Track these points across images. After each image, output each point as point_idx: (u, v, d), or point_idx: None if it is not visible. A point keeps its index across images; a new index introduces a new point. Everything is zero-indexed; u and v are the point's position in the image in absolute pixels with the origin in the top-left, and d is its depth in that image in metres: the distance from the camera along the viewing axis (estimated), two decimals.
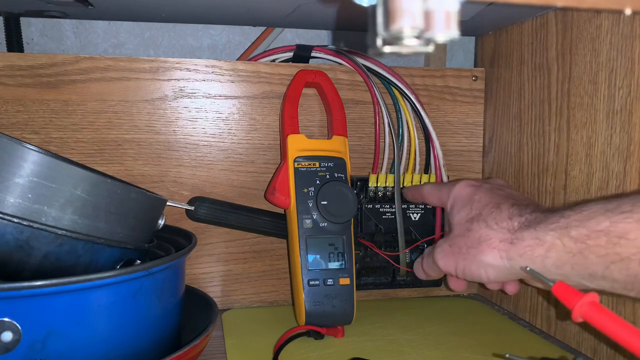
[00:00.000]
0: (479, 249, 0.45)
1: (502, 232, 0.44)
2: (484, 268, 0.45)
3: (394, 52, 0.25)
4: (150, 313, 0.44)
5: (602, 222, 0.37)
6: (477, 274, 0.46)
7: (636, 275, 0.36)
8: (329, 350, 0.53)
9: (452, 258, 0.48)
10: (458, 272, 0.48)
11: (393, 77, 0.64)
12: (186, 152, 0.62)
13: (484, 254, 0.45)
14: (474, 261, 0.46)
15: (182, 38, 0.75)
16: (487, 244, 0.45)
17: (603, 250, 0.37)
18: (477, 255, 0.45)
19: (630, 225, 0.36)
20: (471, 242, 0.46)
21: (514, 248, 0.43)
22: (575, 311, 0.35)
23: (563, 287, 0.37)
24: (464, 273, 0.47)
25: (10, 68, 0.57)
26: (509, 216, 0.44)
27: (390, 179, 0.61)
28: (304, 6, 0.58)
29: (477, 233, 0.46)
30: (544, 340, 0.57)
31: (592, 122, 0.52)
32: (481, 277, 0.46)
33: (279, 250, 0.66)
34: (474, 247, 0.46)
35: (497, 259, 0.44)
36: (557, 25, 0.56)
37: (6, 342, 0.36)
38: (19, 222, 0.38)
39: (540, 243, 0.41)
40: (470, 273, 0.46)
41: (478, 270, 0.46)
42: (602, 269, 0.37)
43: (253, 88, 0.63)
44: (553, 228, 0.40)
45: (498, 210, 0.46)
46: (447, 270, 0.49)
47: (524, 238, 0.42)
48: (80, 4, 0.57)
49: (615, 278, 0.37)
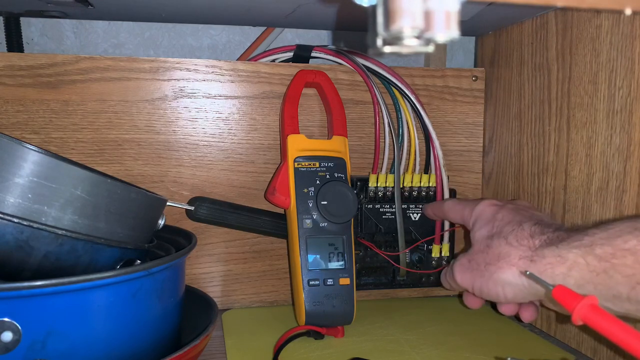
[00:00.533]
0: (498, 266, 0.44)
1: (522, 249, 0.43)
2: (502, 286, 0.44)
3: (394, 52, 0.25)
4: (150, 313, 0.44)
5: (629, 241, 0.36)
6: (495, 291, 0.45)
7: None
8: (329, 350, 0.53)
9: (470, 274, 0.47)
10: (475, 290, 0.47)
11: (393, 77, 0.64)
12: (186, 152, 0.62)
13: (503, 270, 0.44)
14: (491, 278, 0.44)
15: (182, 38, 0.75)
16: (506, 260, 0.43)
17: (630, 270, 0.36)
18: (496, 272, 0.44)
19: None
20: (490, 259, 0.45)
21: (534, 265, 0.41)
22: (575, 314, 0.35)
23: (563, 290, 0.37)
24: (480, 291, 0.46)
25: (10, 68, 0.57)
26: (530, 234, 0.43)
27: (390, 179, 0.61)
28: (304, 6, 0.58)
29: (497, 250, 0.45)
30: (544, 341, 0.57)
31: (592, 122, 0.52)
32: (498, 295, 0.45)
33: (279, 250, 0.66)
34: (493, 263, 0.44)
35: (515, 276, 0.43)
36: (557, 25, 0.56)
37: (6, 342, 0.36)
38: (19, 222, 0.38)
39: (562, 261, 0.39)
40: (487, 291, 0.45)
41: (495, 288, 0.44)
42: (628, 289, 0.36)
43: (253, 88, 0.63)
44: (576, 245, 0.39)
45: (520, 228, 0.44)
46: (464, 285, 0.48)
47: (545, 255, 0.41)
48: (80, 4, 0.57)
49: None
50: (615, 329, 0.34)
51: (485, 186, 0.70)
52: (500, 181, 0.67)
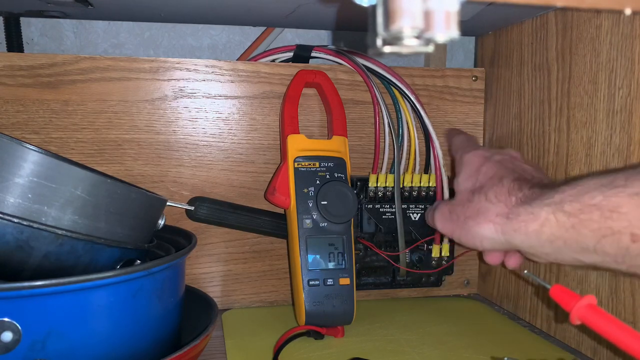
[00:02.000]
0: (476, 221, 0.46)
1: (499, 206, 0.45)
2: (480, 239, 0.46)
3: (394, 52, 0.25)
4: (150, 313, 0.44)
5: (595, 197, 0.38)
6: (473, 243, 0.47)
7: (627, 249, 0.36)
8: (329, 350, 0.53)
9: (450, 224, 0.50)
10: (454, 238, 0.50)
11: (393, 77, 0.64)
12: (186, 152, 0.62)
13: (480, 226, 0.46)
14: (470, 232, 0.47)
15: (182, 38, 0.75)
16: (484, 216, 0.46)
17: (595, 224, 0.37)
18: (474, 226, 0.46)
19: (622, 200, 0.36)
20: (469, 213, 0.47)
21: (510, 223, 0.43)
22: (573, 314, 0.35)
23: (560, 289, 0.37)
24: (459, 240, 0.49)
25: (10, 68, 0.57)
26: (508, 191, 0.45)
27: (390, 179, 0.61)
28: (304, 6, 0.58)
29: (477, 205, 0.47)
30: (544, 341, 0.57)
31: (592, 122, 0.52)
32: (476, 246, 0.47)
33: (279, 250, 0.66)
34: (471, 217, 0.47)
35: (492, 232, 0.45)
36: (557, 25, 0.56)
37: (6, 342, 0.36)
38: (19, 222, 0.38)
39: (534, 218, 0.41)
40: (466, 241, 0.48)
41: (474, 240, 0.47)
42: (594, 242, 0.38)
43: (253, 88, 0.63)
44: (548, 203, 0.41)
45: (500, 184, 0.46)
46: (444, 232, 0.52)
47: (520, 213, 0.43)
48: (80, 4, 0.57)
49: (607, 252, 0.38)
50: (613, 328, 0.34)
51: None
52: None
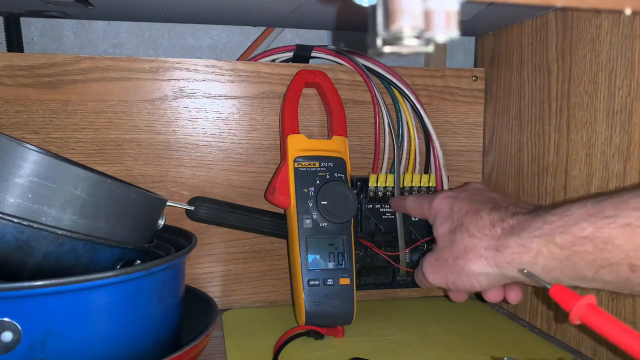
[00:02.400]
0: (466, 259, 0.44)
1: (485, 239, 0.43)
2: (475, 277, 0.44)
3: (394, 52, 0.25)
4: (150, 313, 0.44)
5: (586, 228, 0.37)
6: (470, 283, 0.45)
7: (627, 278, 0.36)
8: (329, 350, 0.53)
9: (441, 272, 0.47)
10: (450, 285, 0.47)
11: (393, 77, 0.64)
12: (186, 152, 0.62)
13: (472, 263, 0.44)
14: (462, 272, 0.45)
15: (182, 38, 0.75)
16: (474, 252, 0.44)
17: (590, 256, 0.37)
18: (465, 265, 0.44)
19: (615, 231, 0.35)
20: (457, 253, 0.45)
21: (501, 255, 0.42)
22: (573, 314, 0.35)
23: (560, 289, 0.37)
24: (455, 285, 0.46)
25: (10, 68, 0.57)
26: (490, 222, 0.44)
27: (390, 179, 0.61)
28: (304, 6, 0.58)
29: (462, 243, 0.45)
30: (544, 341, 0.57)
31: (592, 122, 0.52)
32: (474, 286, 0.45)
33: (279, 250, 0.66)
34: (461, 257, 0.45)
35: (485, 266, 0.43)
36: (557, 25, 0.56)
37: (6, 342, 0.36)
38: (19, 222, 0.38)
39: (526, 250, 0.40)
40: (462, 284, 0.46)
41: (469, 280, 0.45)
42: (593, 273, 0.37)
43: (253, 88, 0.63)
44: (537, 235, 0.40)
45: (478, 217, 0.45)
46: (437, 284, 0.48)
47: (509, 245, 0.41)
48: (80, 4, 0.57)
49: (607, 280, 0.37)
50: (613, 328, 0.34)
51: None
52: (500, 181, 0.67)
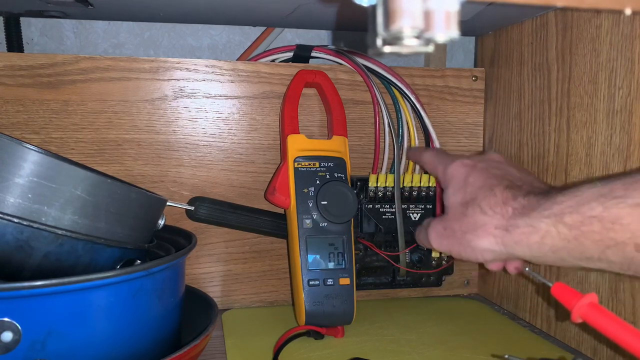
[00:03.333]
0: (475, 234, 0.45)
1: (496, 217, 0.44)
2: (481, 252, 0.45)
3: (394, 52, 0.25)
4: (150, 313, 0.44)
5: (595, 208, 0.37)
6: (474, 256, 0.46)
7: (632, 258, 0.36)
8: (329, 350, 0.53)
9: (447, 241, 0.48)
10: (453, 254, 0.48)
11: (393, 77, 0.64)
12: (186, 152, 0.62)
13: (480, 239, 0.45)
14: (469, 246, 0.46)
15: (182, 38, 0.75)
16: (483, 229, 0.44)
17: (597, 235, 0.37)
18: (473, 240, 0.45)
19: (623, 211, 0.36)
20: (466, 227, 0.46)
21: (509, 235, 0.43)
22: (575, 312, 0.35)
23: (562, 287, 0.37)
24: (459, 255, 0.48)
25: (10, 68, 0.57)
26: (503, 201, 0.44)
27: (390, 179, 0.61)
28: (304, 6, 0.58)
29: (472, 218, 0.46)
30: (544, 340, 0.57)
31: (592, 122, 0.52)
32: (477, 259, 0.46)
33: (279, 250, 0.66)
34: (469, 232, 0.46)
35: (492, 244, 0.44)
36: (557, 25, 0.56)
37: (6, 342, 0.36)
38: (19, 222, 0.38)
39: (534, 230, 0.41)
40: (467, 256, 0.47)
41: (474, 254, 0.46)
42: (598, 253, 0.38)
43: (253, 88, 0.63)
44: (547, 215, 0.40)
45: (492, 194, 0.45)
46: (441, 250, 0.50)
47: (519, 225, 0.42)
48: (80, 4, 0.57)
49: (612, 260, 0.37)
50: (615, 327, 0.34)
51: None
52: None
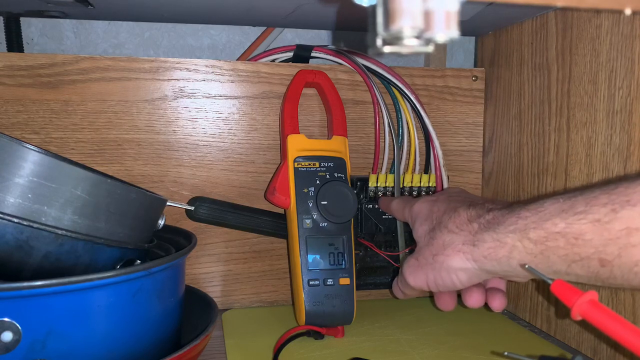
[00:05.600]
0: (445, 254, 0.45)
1: (463, 234, 0.44)
2: (454, 273, 0.45)
3: (394, 52, 0.25)
4: (150, 313, 0.44)
5: (558, 224, 0.37)
6: (450, 280, 0.45)
7: (597, 272, 0.37)
8: (329, 350, 0.53)
9: (421, 271, 0.47)
10: (430, 284, 0.47)
11: (393, 77, 0.64)
12: (186, 152, 0.62)
13: (450, 258, 0.45)
14: (442, 268, 0.45)
15: (182, 38, 0.75)
16: (452, 247, 0.45)
17: (563, 251, 0.37)
18: (445, 260, 0.45)
19: (585, 227, 0.36)
20: (436, 250, 0.46)
21: (477, 250, 0.43)
22: (575, 309, 0.35)
23: (562, 285, 0.37)
24: (436, 283, 0.47)
25: (10, 68, 0.57)
26: (468, 219, 0.45)
27: (390, 179, 0.61)
28: (304, 6, 0.58)
29: (440, 239, 0.46)
30: (544, 340, 0.57)
31: (592, 122, 0.52)
32: (454, 282, 0.45)
33: (279, 250, 0.66)
34: (439, 253, 0.45)
35: (463, 261, 0.44)
36: (557, 25, 0.56)
37: (6, 342, 0.36)
38: (19, 222, 0.38)
39: (501, 245, 0.41)
40: (442, 281, 0.46)
41: (449, 276, 0.45)
42: (565, 267, 0.38)
43: (253, 88, 0.63)
44: (512, 230, 0.40)
45: (456, 214, 0.46)
46: (418, 285, 0.48)
47: (485, 240, 0.42)
48: (80, 4, 0.57)
49: (579, 274, 0.38)
50: (615, 325, 0.34)
51: (485, 186, 0.70)
52: (500, 181, 0.67)
